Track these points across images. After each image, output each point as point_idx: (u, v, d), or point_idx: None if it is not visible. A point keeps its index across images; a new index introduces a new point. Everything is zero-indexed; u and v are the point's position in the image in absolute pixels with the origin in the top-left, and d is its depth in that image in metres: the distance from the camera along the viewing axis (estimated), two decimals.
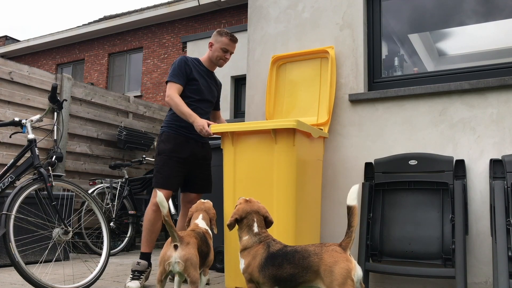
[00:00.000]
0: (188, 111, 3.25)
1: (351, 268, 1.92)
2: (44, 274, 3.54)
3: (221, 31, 3.49)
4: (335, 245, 2.01)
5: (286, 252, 2.10)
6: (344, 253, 1.97)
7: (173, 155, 3.33)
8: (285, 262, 2.07)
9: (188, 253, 2.34)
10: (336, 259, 1.94)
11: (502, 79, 3.10)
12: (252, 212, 2.33)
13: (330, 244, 2.03)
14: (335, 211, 3.52)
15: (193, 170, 3.45)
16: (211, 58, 3.50)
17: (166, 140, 3.38)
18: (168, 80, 3.37)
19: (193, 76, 3.39)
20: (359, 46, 3.66)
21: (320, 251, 2.00)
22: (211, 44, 3.49)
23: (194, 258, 2.36)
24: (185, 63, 3.39)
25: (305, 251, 2.04)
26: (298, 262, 2.03)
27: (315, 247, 2.05)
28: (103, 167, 6.07)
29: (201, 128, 3.18)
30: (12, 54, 16.43)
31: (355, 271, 1.94)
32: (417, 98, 3.39)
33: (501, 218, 2.74)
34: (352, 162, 3.53)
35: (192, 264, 2.34)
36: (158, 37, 13.67)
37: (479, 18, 3.62)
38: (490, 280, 2.99)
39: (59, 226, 3.10)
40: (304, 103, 3.72)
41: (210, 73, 3.58)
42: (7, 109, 4.94)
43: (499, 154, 3.07)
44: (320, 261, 1.97)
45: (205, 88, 3.47)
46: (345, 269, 1.91)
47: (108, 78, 14.60)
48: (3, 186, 3.07)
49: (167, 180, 3.31)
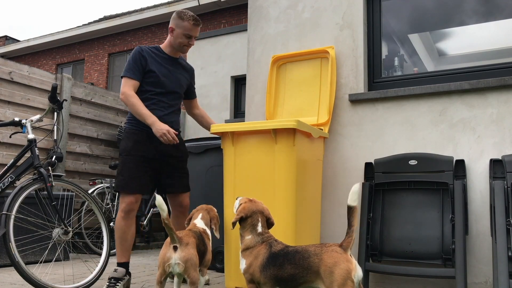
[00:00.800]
0: (146, 112, 2.90)
1: (351, 269, 1.92)
2: (44, 274, 3.54)
3: (182, 14, 3.08)
4: (336, 246, 2.00)
5: (287, 252, 2.10)
6: (344, 254, 1.96)
7: (134, 153, 2.98)
8: (286, 262, 2.07)
9: (188, 253, 2.34)
10: (336, 260, 1.94)
11: (502, 79, 3.10)
12: (257, 211, 2.33)
13: (330, 244, 2.03)
14: (335, 211, 3.52)
15: (165, 169, 3.10)
16: (173, 45, 3.13)
17: (126, 138, 3.06)
18: (122, 75, 3.02)
19: (149, 68, 3.03)
20: (359, 46, 3.66)
21: (320, 251, 2.00)
22: (172, 29, 3.10)
23: (194, 259, 2.37)
24: (139, 55, 3.03)
25: (306, 252, 2.04)
26: (298, 262, 2.03)
27: (315, 247, 2.05)
28: (103, 167, 6.07)
29: (162, 134, 2.85)
30: (12, 54, 16.43)
31: (355, 272, 1.93)
32: (417, 98, 3.39)
33: (501, 218, 2.74)
34: (352, 162, 3.53)
35: (192, 265, 2.35)
36: (158, 37, 13.67)
37: (479, 18, 3.62)
38: (490, 280, 2.99)
39: (59, 226, 3.10)
40: (304, 103, 3.72)
41: (174, 60, 3.19)
42: (7, 109, 4.94)
43: (499, 154, 3.07)
44: (320, 262, 1.97)
45: (166, 79, 3.10)
46: (345, 270, 1.91)
47: (108, 78, 14.60)
48: (3, 186, 3.07)
49: (128, 182, 2.96)
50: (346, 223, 2.05)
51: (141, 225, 5.66)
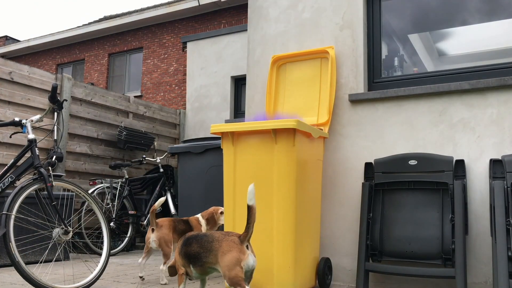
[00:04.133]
0: None
1: (242, 258, 2.26)
2: (44, 274, 3.54)
3: None
4: (236, 236, 2.31)
5: (197, 235, 2.50)
6: (240, 245, 2.29)
7: None
8: (194, 242, 2.47)
9: (161, 233, 3.29)
10: (231, 248, 2.28)
11: (502, 79, 3.10)
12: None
13: (233, 234, 2.34)
14: (335, 211, 3.52)
15: None
16: None
17: None
18: None
19: None
20: (359, 46, 3.66)
21: (222, 239, 2.34)
22: None
23: (166, 237, 3.29)
24: None
25: (211, 237, 2.41)
26: (203, 244, 2.42)
27: (220, 235, 2.39)
28: (103, 167, 6.08)
29: None
30: (12, 54, 16.44)
31: (246, 261, 2.26)
32: (417, 98, 3.39)
33: (501, 218, 2.74)
34: (352, 162, 3.53)
35: (164, 242, 3.28)
36: (158, 37, 13.68)
37: (479, 18, 3.62)
38: (490, 280, 3.00)
39: (59, 226, 3.10)
40: (304, 103, 3.72)
41: None
42: (7, 109, 4.94)
43: (499, 154, 3.07)
44: (219, 247, 2.32)
45: None
46: (235, 257, 2.26)
47: (108, 78, 14.60)
48: (3, 186, 3.07)
49: None
50: (346, 223, 2.06)
51: (141, 225, 5.67)
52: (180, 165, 4.85)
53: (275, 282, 2.82)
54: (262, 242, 2.87)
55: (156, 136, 7.02)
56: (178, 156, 4.93)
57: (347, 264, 3.43)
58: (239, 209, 2.99)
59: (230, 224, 3.01)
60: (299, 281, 2.90)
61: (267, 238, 2.86)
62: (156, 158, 6.06)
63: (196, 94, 8.09)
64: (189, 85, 8.21)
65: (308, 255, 3.06)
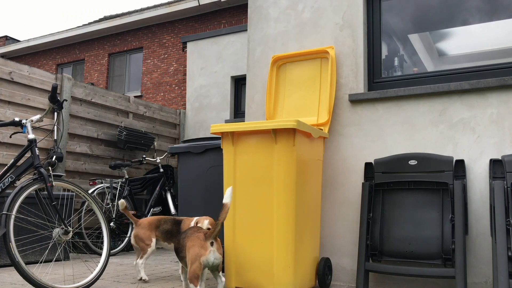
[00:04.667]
0: None
1: (202, 254, 2.40)
2: (44, 274, 3.54)
3: None
4: (202, 233, 2.46)
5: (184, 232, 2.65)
6: (203, 241, 2.42)
7: None
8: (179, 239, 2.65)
9: (137, 231, 3.47)
10: (194, 243, 2.43)
11: (502, 79, 3.10)
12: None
13: (200, 231, 2.48)
14: (335, 211, 3.52)
15: None
16: None
17: None
18: None
19: None
20: (359, 46, 3.66)
21: (190, 235, 2.49)
22: None
23: (141, 234, 3.45)
24: None
25: (185, 233, 2.59)
26: (180, 240, 2.60)
27: (191, 230, 2.55)
28: (103, 167, 6.08)
29: None
30: (12, 54, 16.43)
31: (206, 257, 2.40)
32: (417, 98, 3.39)
33: (501, 218, 2.74)
34: (352, 162, 3.53)
35: (139, 239, 3.45)
36: (158, 37, 13.68)
37: (479, 18, 3.62)
38: (490, 280, 3.00)
39: (59, 226, 3.10)
40: (304, 103, 3.72)
41: None
42: (7, 109, 4.94)
43: (499, 154, 3.07)
44: (187, 242, 2.48)
45: None
46: (196, 253, 2.41)
47: (108, 78, 14.60)
48: (3, 186, 3.07)
49: None
50: (346, 223, 2.06)
51: None
52: (180, 165, 4.85)
53: (275, 282, 2.82)
54: (262, 242, 2.88)
55: (156, 136, 7.02)
56: (178, 156, 4.93)
57: (347, 264, 3.44)
58: (239, 209, 2.99)
59: (230, 224, 3.01)
60: (299, 281, 2.90)
61: (267, 238, 2.86)
62: (156, 158, 6.06)
63: (196, 94, 8.09)
64: (189, 85, 8.21)
65: (308, 255, 3.06)
